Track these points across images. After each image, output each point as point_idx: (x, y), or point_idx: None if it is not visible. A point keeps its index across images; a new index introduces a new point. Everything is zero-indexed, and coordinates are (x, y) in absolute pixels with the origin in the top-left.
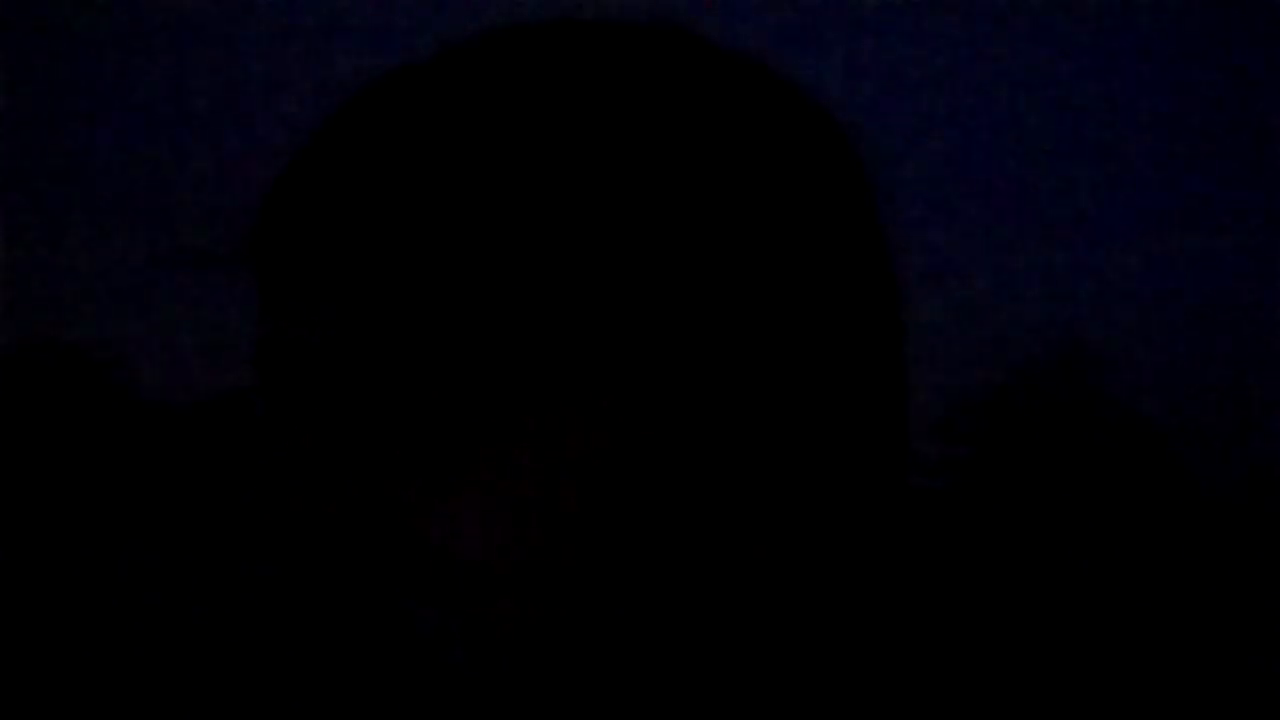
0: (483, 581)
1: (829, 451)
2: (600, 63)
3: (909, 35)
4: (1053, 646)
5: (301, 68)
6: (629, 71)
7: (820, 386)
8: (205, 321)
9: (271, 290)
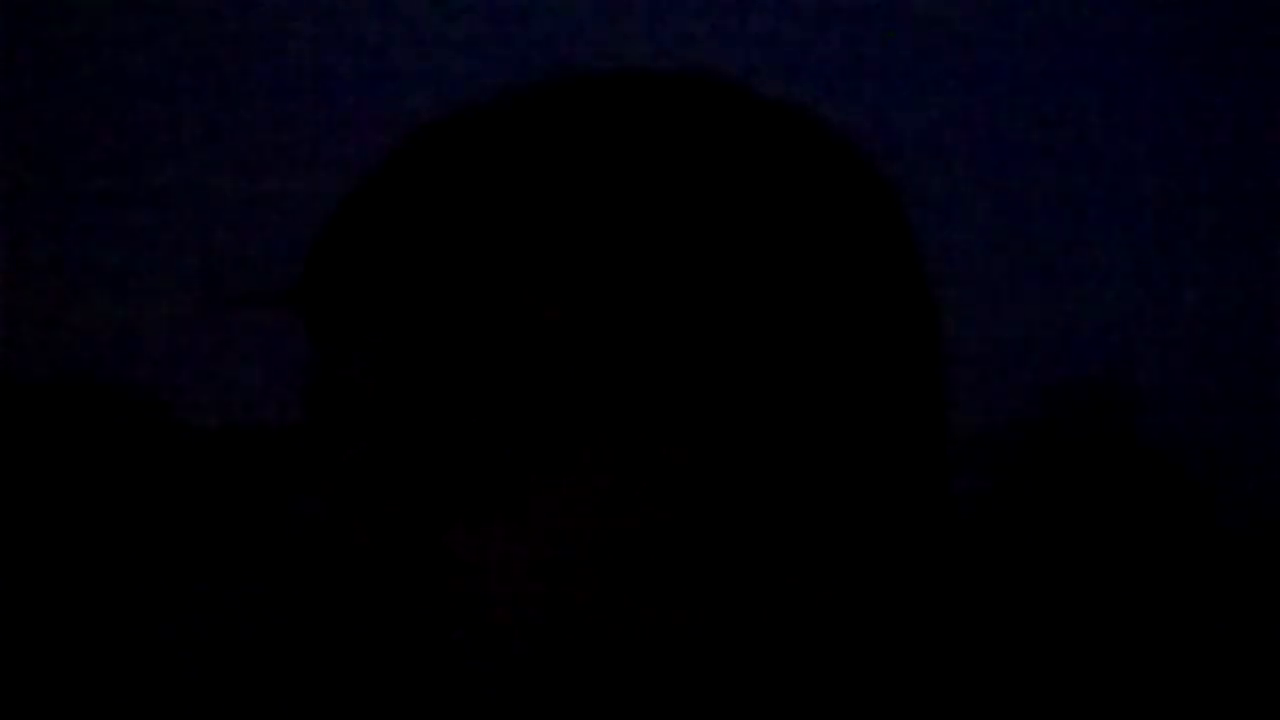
0: (519, 610)
1: (863, 479)
2: (642, 111)
3: (957, 82)
4: (1069, 675)
5: (355, 112)
6: (668, 119)
7: (856, 418)
8: (245, 351)
9: (320, 328)
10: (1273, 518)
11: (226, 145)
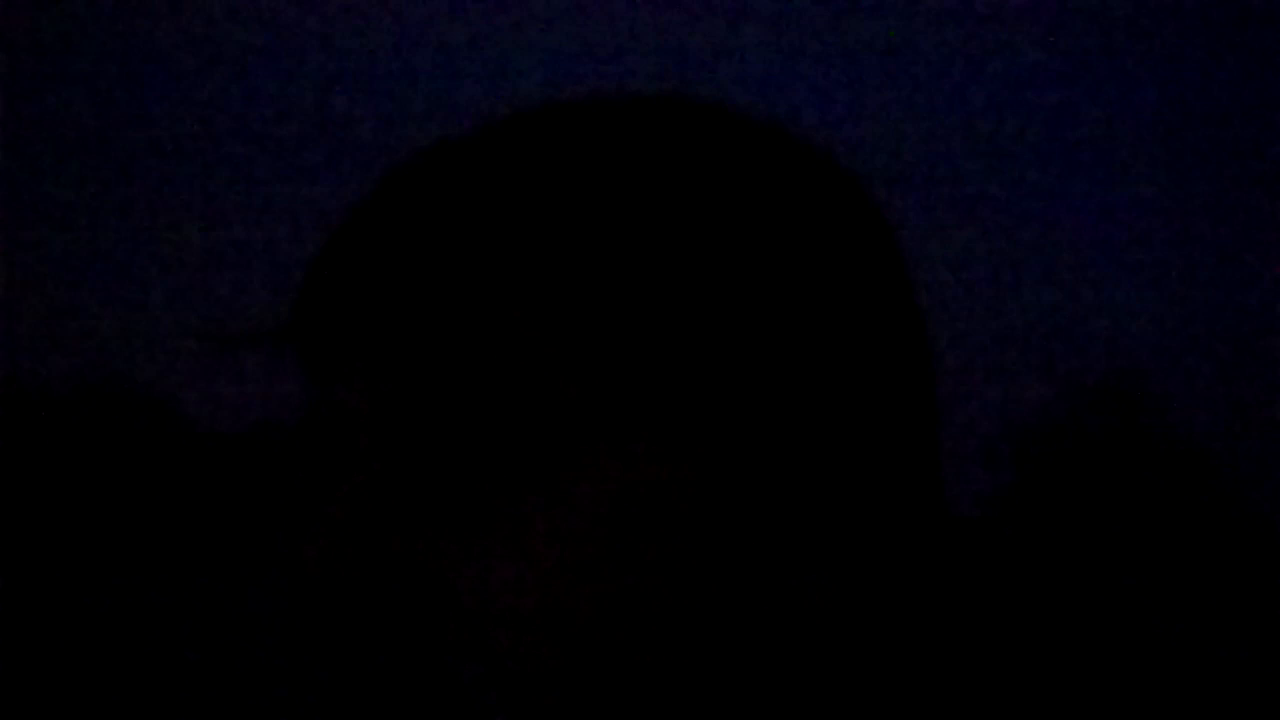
0: (519, 631)
1: (860, 487)
2: (624, 133)
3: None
4: (1088, 672)
5: (355, 118)
6: (649, 141)
7: (850, 424)
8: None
9: (313, 361)
10: None
11: (235, 150)
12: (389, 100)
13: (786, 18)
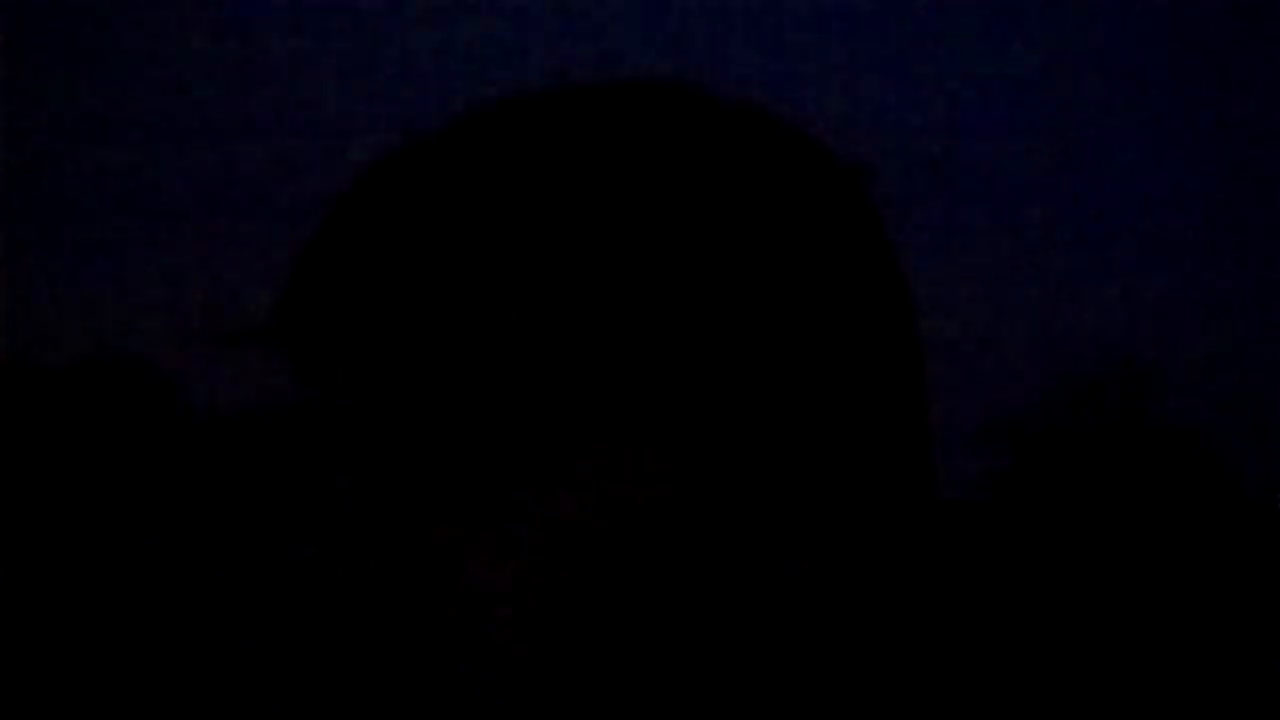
0: (516, 619)
1: (850, 474)
2: (609, 121)
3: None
4: (1083, 654)
5: (349, 111)
6: (634, 128)
7: (839, 410)
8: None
9: (301, 357)
10: None
11: (232, 134)
12: (390, 89)
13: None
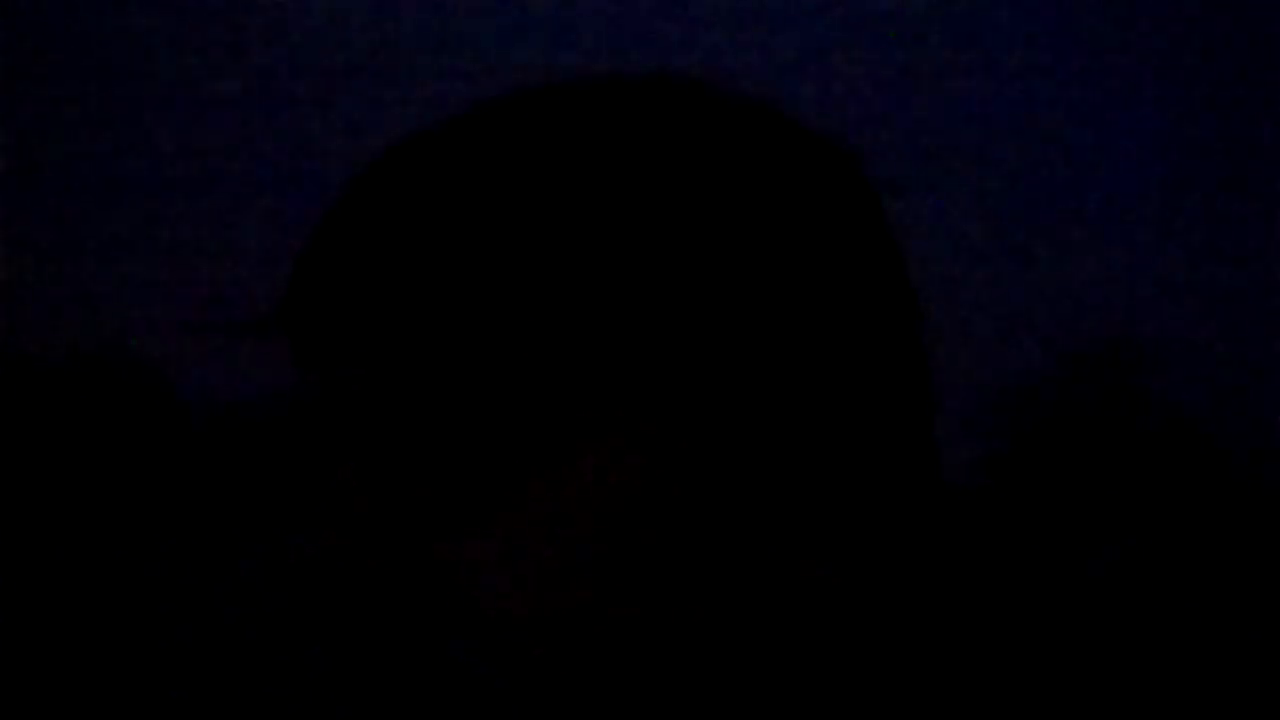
0: (517, 617)
1: (859, 467)
2: (616, 114)
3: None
4: (1081, 642)
5: (336, 130)
6: (640, 122)
7: (844, 410)
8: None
9: (304, 351)
10: None
11: (233, 131)
12: (393, 82)
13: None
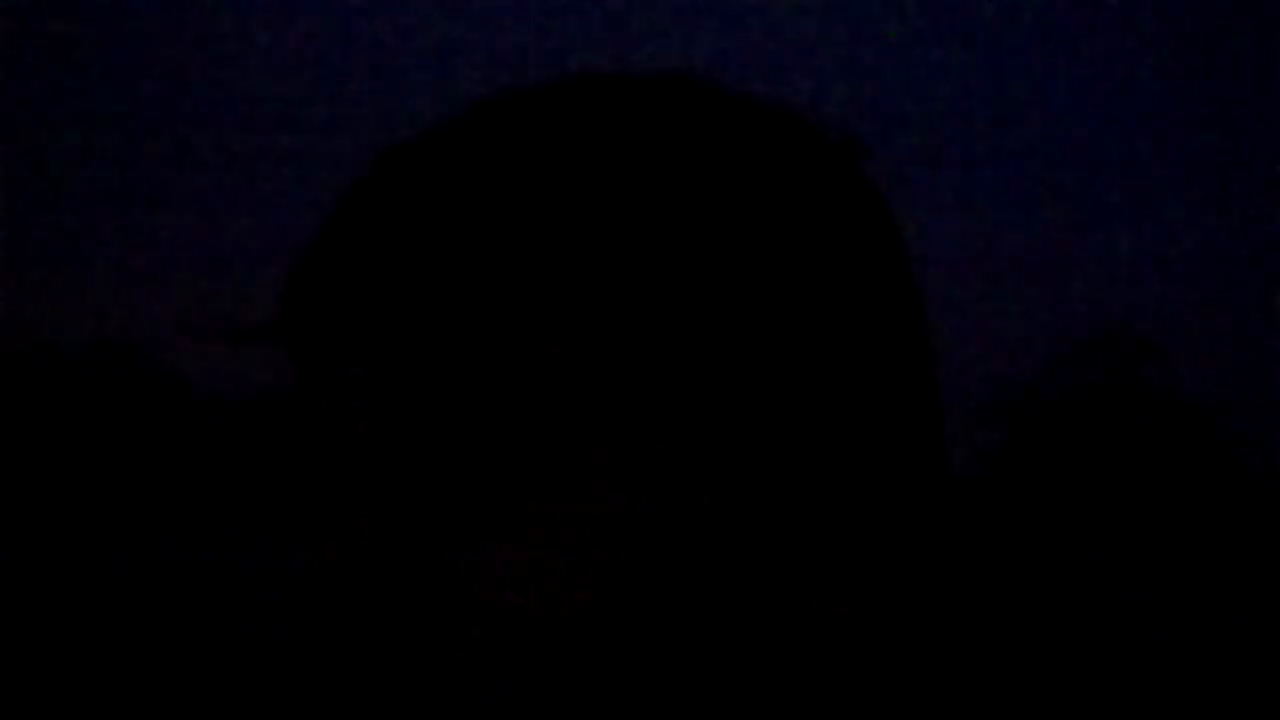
0: (527, 624)
1: (865, 466)
2: (617, 114)
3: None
4: (1085, 635)
5: (350, 110)
6: (643, 121)
7: (853, 419)
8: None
9: (303, 357)
10: None
11: (234, 129)
12: (394, 81)
13: None
